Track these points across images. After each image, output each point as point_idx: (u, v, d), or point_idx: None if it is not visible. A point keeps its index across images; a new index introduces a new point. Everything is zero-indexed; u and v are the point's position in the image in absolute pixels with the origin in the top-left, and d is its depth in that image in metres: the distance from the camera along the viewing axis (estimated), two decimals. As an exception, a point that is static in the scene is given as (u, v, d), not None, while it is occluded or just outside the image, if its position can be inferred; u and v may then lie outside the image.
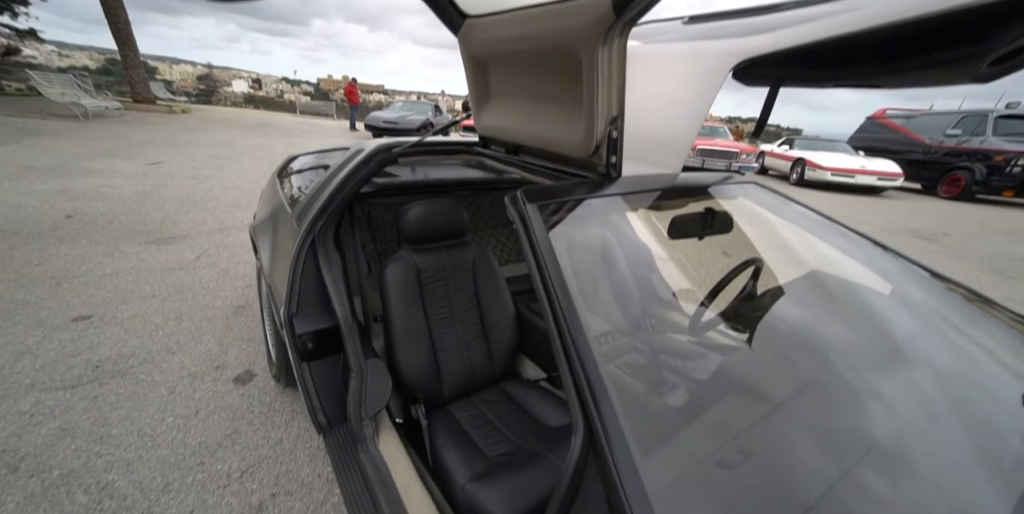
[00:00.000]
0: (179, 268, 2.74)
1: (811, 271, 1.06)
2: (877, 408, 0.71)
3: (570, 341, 0.55)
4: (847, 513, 0.55)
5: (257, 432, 1.51)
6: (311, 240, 1.26)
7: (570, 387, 0.52)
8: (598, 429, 0.48)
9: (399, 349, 1.23)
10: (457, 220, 1.39)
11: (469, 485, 0.94)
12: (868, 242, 1.04)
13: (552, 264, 0.65)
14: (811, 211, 1.12)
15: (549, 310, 0.59)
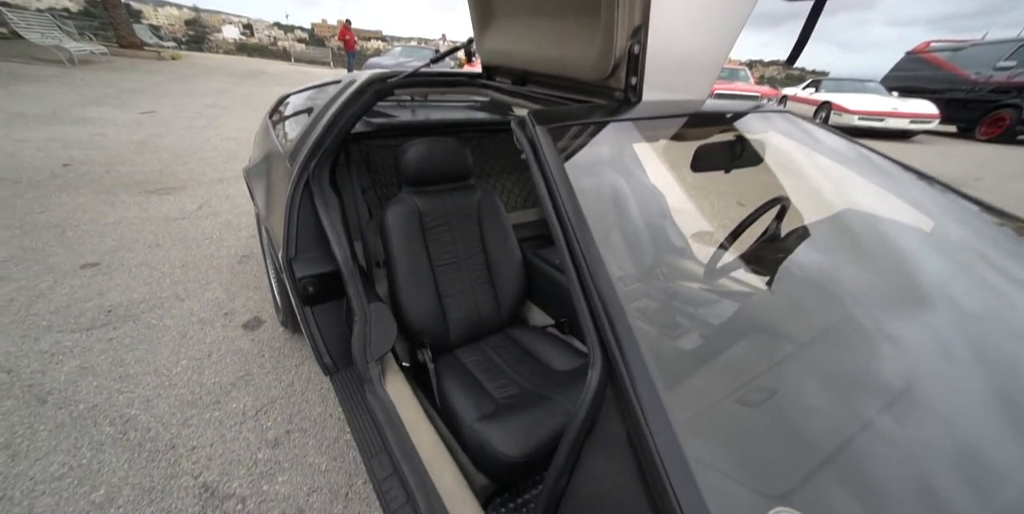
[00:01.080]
0: (181, 218, 2.68)
1: (844, 209, 0.97)
2: (910, 353, 0.66)
3: (586, 268, 0.49)
4: (872, 454, 0.51)
5: (268, 375, 1.54)
6: (305, 180, 1.17)
7: (586, 318, 0.47)
8: (617, 361, 0.43)
9: (403, 293, 1.19)
10: (460, 161, 1.27)
11: (477, 424, 0.93)
12: (912, 175, 0.93)
13: (565, 188, 0.56)
14: (850, 142, 0.99)
15: (563, 238, 0.52)
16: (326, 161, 1.18)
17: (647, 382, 0.41)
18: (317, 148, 1.15)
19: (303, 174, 1.17)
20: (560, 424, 0.93)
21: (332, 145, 1.16)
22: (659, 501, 0.36)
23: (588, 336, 0.47)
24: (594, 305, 0.47)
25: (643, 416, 0.39)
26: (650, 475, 0.38)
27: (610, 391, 0.45)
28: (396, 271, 1.20)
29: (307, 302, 1.15)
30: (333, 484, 1.19)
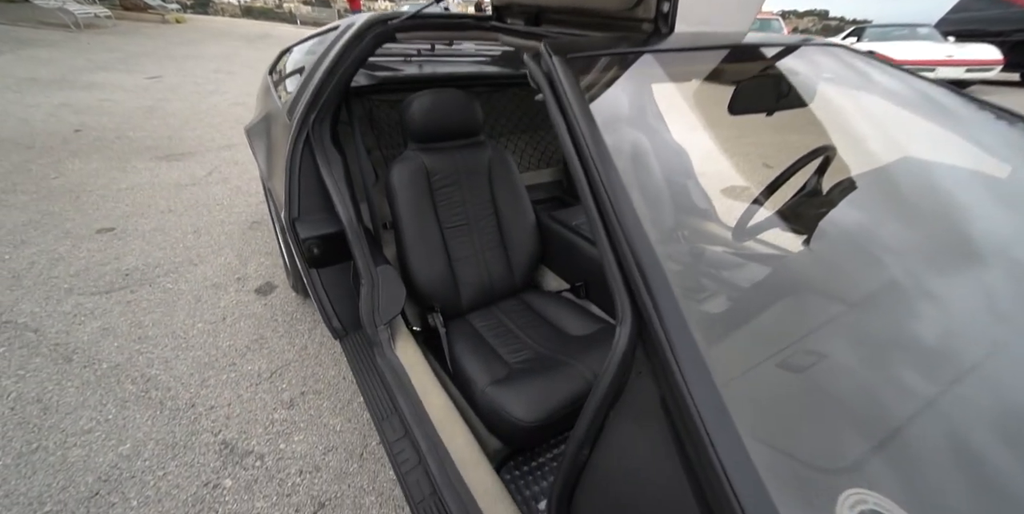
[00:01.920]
0: (192, 184, 2.63)
1: (900, 158, 0.83)
2: (980, 318, 0.56)
3: (612, 212, 0.41)
4: (940, 428, 0.43)
5: (282, 339, 1.53)
6: (305, 136, 1.07)
7: (613, 269, 0.39)
8: (651, 316, 0.36)
9: (411, 256, 1.12)
10: (470, 114, 1.15)
11: (490, 388, 0.89)
12: (991, 114, 0.77)
13: (588, 126, 0.46)
14: (914, 78, 0.82)
15: (586, 181, 0.43)
16: (326, 115, 1.08)
17: (686, 340, 0.35)
18: (316, 100, 1.04)
19: (302, 129, 1.06)
20: (577, 389, 0.88)
21: (332, 96, 1.04)
22: (705, 478, 0.31)
23: (616, 291, 0.40)
24: (622, 252, 0.40)
25: (682, 379, 0.33)
26: (692, 447, 0.32)
27: (640, 352, 0.38)
28: (404, 233, 1.12)
29: (313, 264, 1.09)
30: (348, 444, 1.19)
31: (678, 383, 0.33)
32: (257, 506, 1.03)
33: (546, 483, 0.89)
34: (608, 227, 0.42)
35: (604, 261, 0.42)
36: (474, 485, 0.71)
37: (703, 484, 0.31)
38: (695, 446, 0.31)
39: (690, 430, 0.31)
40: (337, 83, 1.03)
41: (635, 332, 0.38)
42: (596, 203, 0.43)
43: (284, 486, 1.08)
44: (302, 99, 1.09)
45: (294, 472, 1.11)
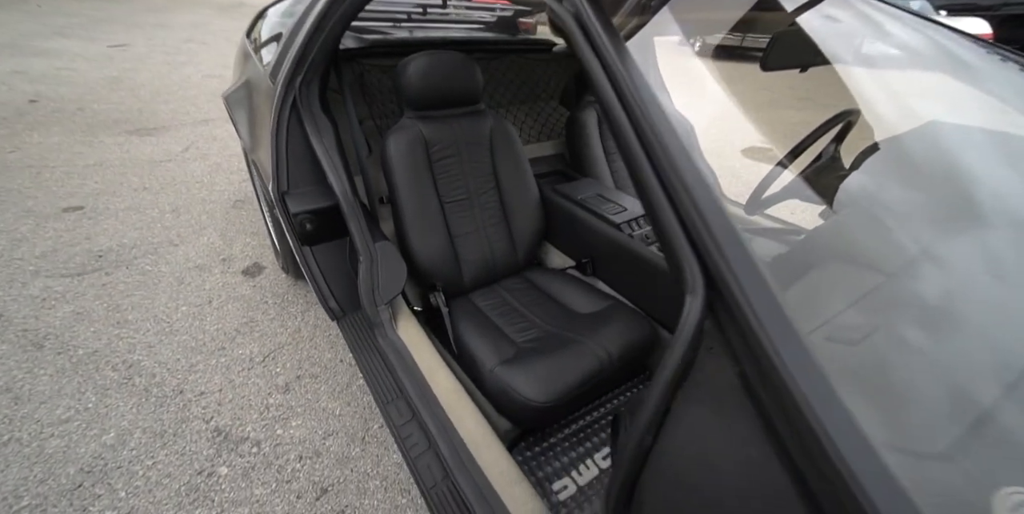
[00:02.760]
0: (167, 160, 2.43)
1: (929, 122, 0.77)
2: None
3: (669, 167, 0.34)
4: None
5: (274, 321, 1.44)
6: (292, 101, 0.95)
7: (676, 233, 0.33)
8: (729, 284, 0.30)
9: (411, 232, 1.04)
10: (470, 78, 1.05)
11: (498, 369, 0.84)
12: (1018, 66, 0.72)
13: (629, 69, 0.39)
14: (943, 31, 0.76)
15: (632, 131, 0.37)
16: (314, 78, 0.96)
17: (773, 310, 0.29)
18: (302, 61, 0.92)
19: (288, 92, 0.95)
20: (589, 367, 0.84)
21: (320, 58, 0.92)
22: (816, 473, 0.26)
23: (681, 258, 0.34)
24: (686, 213, 0.33)
25: (774, 353, 0.27)
26: (791, 433, 0.27)
27: (711, 325, 0.33)
28: (402, 207, 1.03)
29: (305, 241, 1.00)
30: (349, 428, 1.13)
31: (768, 358, 0.27)
32: (256, 493, 0.97)
33: (559, 463, 0.86)
34: (667, 185, 0.35)
35: (661, 225, 0.35)
36: (488, 468, 0.67)
37: (808, 476, 0.26)
38: (797, 432, 0.26)
39: (789, 413, 0.26)
40: (324, 42, 0.90)
41: (706, 304, 0.32)
42: (648, 157, 0.36)
43: (283, 472, 1.02)
44: (286, 60, 0.96)
45: (293, 458, 1.05)
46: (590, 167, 1.42)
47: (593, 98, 1.42)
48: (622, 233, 1.06)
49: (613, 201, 1.18)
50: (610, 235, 1.09)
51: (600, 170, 1.42)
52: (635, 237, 1.05)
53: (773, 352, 0.27)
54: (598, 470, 0.84)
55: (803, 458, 0.26)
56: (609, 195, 1.21)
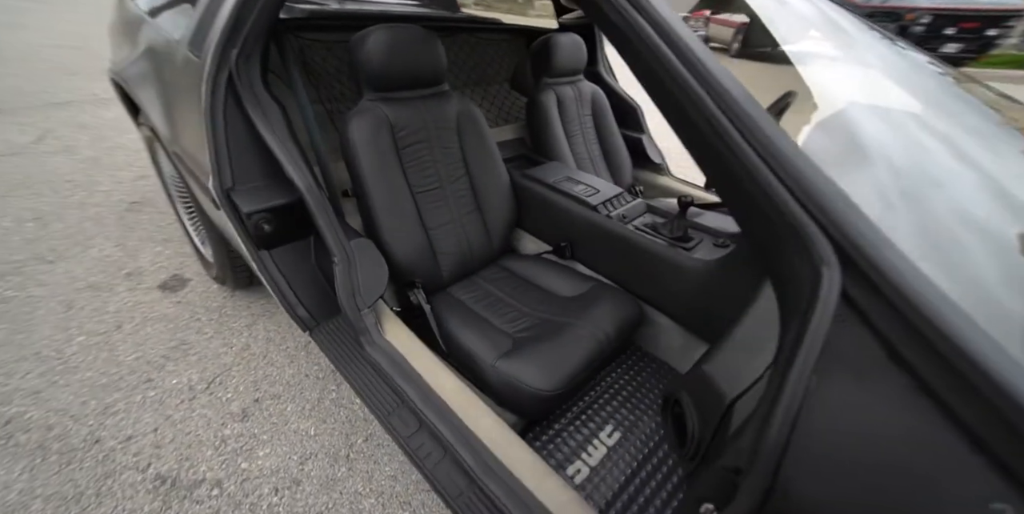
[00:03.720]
0: (11, 154, 1.87)
1: (844, 107, 0.89)
2: None
3: (768, 137, 0.32)
4: None
5: (213, 340, 1.21)
6: (227, 78, 0.78)
7: (791, 207, 0.31)
8: (864, 252, 0.29)
9: (383, 227, 0.93)
10: (435, 55, 0.96)
11: (500, 363, 0.80)
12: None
13: (682, 32, 0.37)
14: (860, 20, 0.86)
15: (714, 105, 0.34)
16: (253, 51, 0.79)
17: (913, 273, 0.28)
18: (236, 29, 0.75)
19: (221, 67, 0.77)
20: (590, 350, 0.84)
21: (258, 26, 0.76)
22: (994, 421, 0.26)
23: (800, 231, 0.32)
24: (801, 182, 0.32)
25: (936, 317, 0.27)
26: (968, 404, 0.26)
27: (846, 307, 0.31)
28: (371, 199, 0.92)
29: (263, 245, 0.84)
30: (329, 447, 1.00)
31: (929, 323, 0.27)
32: (228, 542, 0.81)
33: (567, 448, 0.86)
34: (768, 157, 0.33)
35: (767, 200, 0.33)
36: (515, 465, 0.63)
37: (984, 428, 0.26)
38: (970, 386, 0.26)
39: (958, 371, 0.26)
40: (263, 7, 0.74)
41: (843, 283, 0.31)
42: (739, 131, 0.34)
43: (258, 510, 0.87)
44: (213, 27, 0.78)
45: (268, 492, 0.90)
46: (552, 150, 1.41)
47: (553, 79, 1.41)
48: (600, 214, 1.07)
49: (584, 183, 1.18)
50: (588, 217, 1.09)
51: (563, 152, 1.41)
52: (613, 217, 1.07)
53: (933, 316, 0.27)
54: (606, 448, 0.85)
55: (977, 410, 0.26)
56: (579, 177, 1.22)
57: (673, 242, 0.96)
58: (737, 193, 0.37)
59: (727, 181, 0.35)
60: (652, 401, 0.95)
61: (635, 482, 0.79)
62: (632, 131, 1.60)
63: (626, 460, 0.82)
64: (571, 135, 1.45)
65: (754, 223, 0.39)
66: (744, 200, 0.35)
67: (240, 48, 0.76)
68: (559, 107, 1.41)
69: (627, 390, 0.97)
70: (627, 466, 0.81)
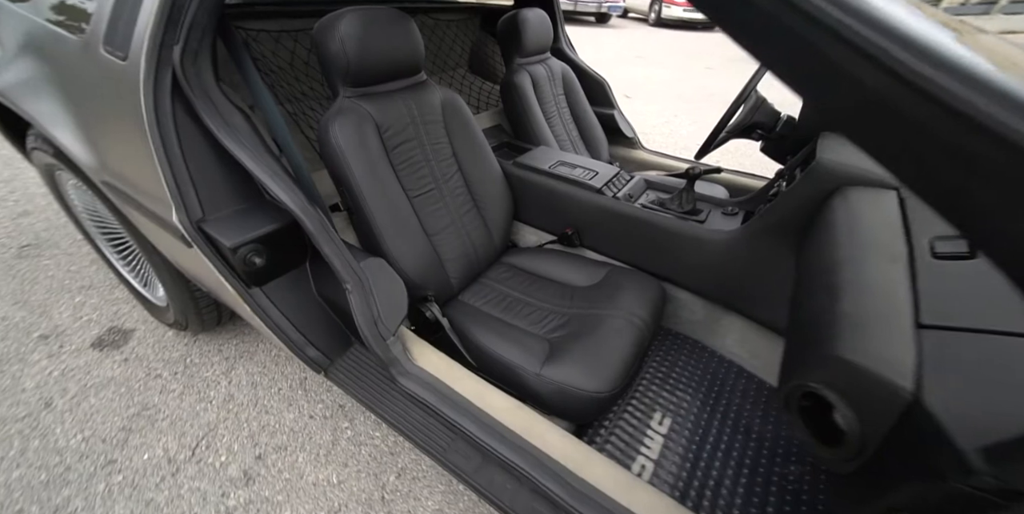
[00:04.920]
0: None
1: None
2: None
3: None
4: None
5: (185, 397, 1.00)
6: (170, 83, 0.62)
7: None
8: None
9: (387, 241, 0.83)
10: (413, 40, 0.86)
11: (545, 370, 0.74)
12: None
13: None
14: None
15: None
16: (201, 46, 0.63)
17: None
18: (173, 18, 0.59)
19: (162, 70, 0.60)
20: (633, 339, 0.81)
21: (203, 12, 0.60)
22: None
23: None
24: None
25: None
26: None
27: None
28: (370, 212, 0.81)
29: (255, 282, 0.70)
30: (358, 493, 0.88)
31: None
32: None
33: (623, 444, 0.82)
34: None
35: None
36: (602, 482, 0.57)
37: None
38: None
39: None
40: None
41: None
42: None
43: (297, 585, 0.73)
44: (138, 18, 0.60)
45: (302, 561, 0.77)
46: (536, 134, 1.35)
47: (525, 59, 1.34)
48: (606, 197, 1.04)
49: (580, 166, 1.14)
50: (594, 201, 1.05)
51: (546, 136, 1.35)
52: (620, 198, 1.04)
53: None
54: (661, 437, 0.83)
55: None
56: (573, 160, 1.17)
57: (684, 216, 0.96)
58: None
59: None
60: (689, 378, 0.95)
61: (700, 466, 0.77)
62: (603, 107, 1.59)
63: (684, 445, 0.81)
64: (549, 117, 1.40)
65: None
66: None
67: (184, 44, 0.60)
68: (535, 89, 1.35)
69: (661, 371, 0.96)
70: (687, 451, 0.80)
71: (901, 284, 0.43)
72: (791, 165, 0.89)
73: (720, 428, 0.84)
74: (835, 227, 0.60)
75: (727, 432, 0.83)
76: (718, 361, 0.99)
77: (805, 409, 0.41)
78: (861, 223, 0.57)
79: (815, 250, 0.62)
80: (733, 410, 0.88)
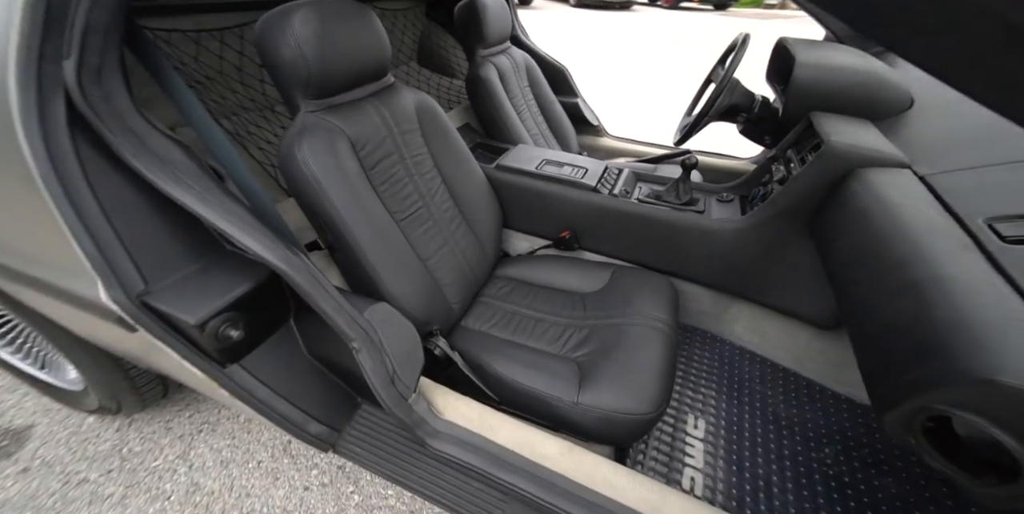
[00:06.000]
0: None
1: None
2: None
3: None
4: None
5: (131, 501, 0.78)
6: (64, 114, 0.43)
7: None
8: None
9: (384, 280, 0.70)
10: (377, 33, 0.72)
11: (582, 397, 0.67)
12: None
13: None
14: None
15: None
16: (106, 58, 0.44)
17: None
18: (57, 19, 0.40)
19: (48, 96, 0.41)
20: (663, 346, 0.75)
21: (107, 8, 0.41)
22: None
23: None
24: None
25: None
26: None
27: None
28: (357, 248, 0.67)
29: (234, 357, 0.54)
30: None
31: None
32: None
33: (666, 457, 0.79)
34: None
35: None
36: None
37: None
38: None
39: None
40: None
41: None
42: None
43: None
44: (13, 18, 0.39)
45: None
46: (510, 132, 1.24)
47: (488, 50, 1.22)
48: (601, 195, 0.98)
49: (567, 163, 1.05)
50: (590, 200, 0.98)
51: (520, 133, 1.25)
52: (617, 194, 0.99)
53: None
54: (700, 442, 0.80)
55: None
56: (556, 157, 1.08)
57: (683, 207, 0.93)
58: None
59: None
60: (709, 373, 0.94)
61: (746, 467, 0.76)
62: (567, 96, 1.52)
63: (725, 447, 0.79)
64: (519, 111, 1.30)
65: None
66: None
67: (79, 57, 0.41)
68: (502, 82, 1.24)
69: (681, 369, 0.94)
70: (729, 453, 0.78)
71: (991, 276, 0.41)
72: (782, 147, 0.89)
73: (752, 421, 0.84)
74: (870, 215, 0.58)
75: (759, 424, 0.84)
76: (730, 349, 0.99)
77: (929, 430, 0.38)
78: (900, 208, 0.55)
79: (851, 240, 0.61)
80: (758, 399, 0.88)
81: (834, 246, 0.66)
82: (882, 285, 0.49)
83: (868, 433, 0.82)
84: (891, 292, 0.47)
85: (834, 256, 0.66)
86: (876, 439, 0.81)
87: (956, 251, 0.45)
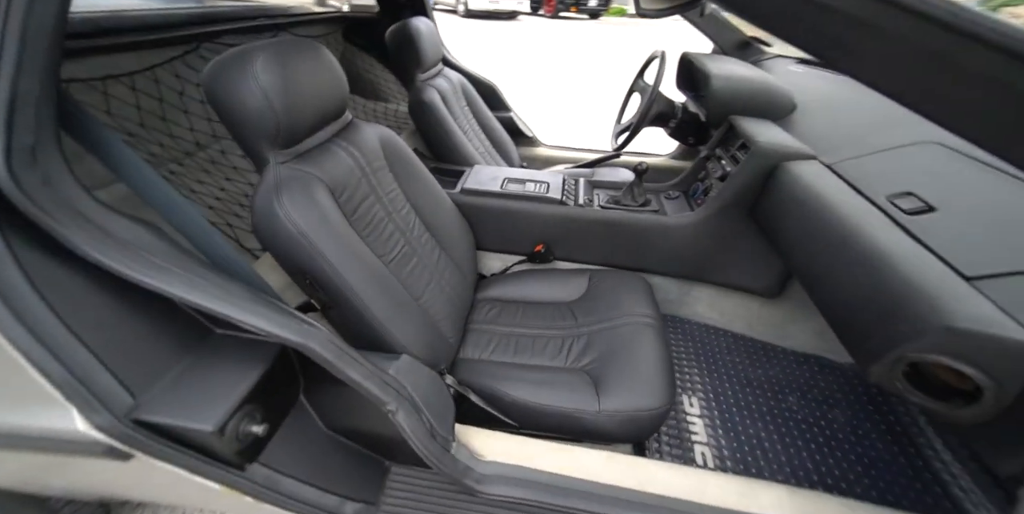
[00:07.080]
0: None
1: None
2: None
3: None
4: None
5: None
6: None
7: None
8: None
9: (391, 331, 0.66)
10: (334, 72, 0.68)
11: (604, 405, 0.71)
12: None
13: None
14: None
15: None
16: (41, 135, 0.34)
17: None
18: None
19: None
20: (659, 341, 0.81)
21: (39, 68, 0.33)
22: None
23: None
24: None
25: None
26: None
27: None
28: (358, 303, 0.62)
29: (252, 456, 0.46)
30: None
31: None
32: None
33: (674, 439, 0.85)
34: None
35: None
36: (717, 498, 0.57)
37: None
38: None
39: None
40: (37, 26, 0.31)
41: None
42: None
43: None
44: None
45: None
46: (459, 154, 1.22)
47: (426, 74, 1.19)
48: (569, 206, 1.02)
49: (528, 179, 1.08)
50: (559, 213, 1.02)
51: (468, 153, 1.24)
52: (583, 204, 1.04)
53: None
54: (698, 418, 0.88)
55: None
56: (515, 175, 1.11)
57: (640, 209, 1.03)
58: None
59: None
60: (686, 352, 1.04)
61: (739, 430, 0.86)
62: (500, 111, 1.56)
63: (719, 417, 0.88)
64: (464, 131, 1.30)
65: None
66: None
67: (6, 139, 0.32)
68: (445, 104, 1.22)
69: None
70: (726, 422, 0.87)
71: (913, 244, 0.52)
72: (711, 146, 1.03)
73: (733, 389, 0.95)
74: (806, 201, 0.70)
75: (737, 390, 0.95)
76: (698, 328, 1.12)
77: (906, 375, 0.48)
78: (824, 193, 0.67)
79: (796, 223, 0.72)
80: (730, 367, 1.01)
81: (781, 226, 0.78)
82: (838, 259, 0.61)
83: (812, 377, 0.98)
84: (847, 263, 0.58)
85: (783, 236, 0.78)
86: (819, 380, 0.98)
87: (882, 226, 0.57)
